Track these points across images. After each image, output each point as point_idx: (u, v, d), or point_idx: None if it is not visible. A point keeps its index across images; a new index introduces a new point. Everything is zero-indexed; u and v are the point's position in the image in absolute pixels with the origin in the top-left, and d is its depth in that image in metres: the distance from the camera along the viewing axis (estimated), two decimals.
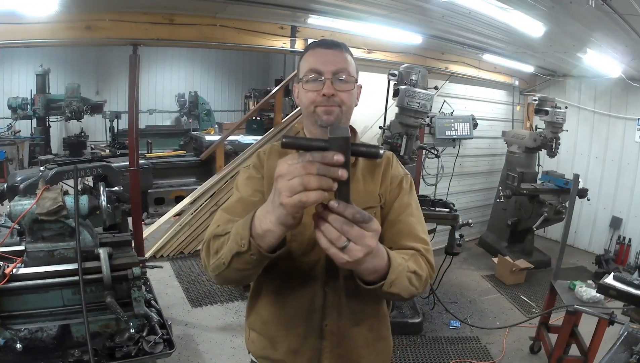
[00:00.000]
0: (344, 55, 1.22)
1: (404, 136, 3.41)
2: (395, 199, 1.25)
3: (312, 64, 1.20)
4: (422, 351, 3.41)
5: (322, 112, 1.19)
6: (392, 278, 0.99)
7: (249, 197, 1.20)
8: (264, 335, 1.30)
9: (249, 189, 1.22)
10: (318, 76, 1.18)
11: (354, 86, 1.22)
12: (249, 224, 0.92)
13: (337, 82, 1.18)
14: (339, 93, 1.18)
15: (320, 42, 1.26)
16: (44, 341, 2.12)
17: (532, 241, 5.42)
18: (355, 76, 1.23)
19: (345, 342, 1.24)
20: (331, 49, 1.21)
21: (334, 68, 1.18)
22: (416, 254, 1.15)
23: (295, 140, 0.81)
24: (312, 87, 1.19)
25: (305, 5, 3.63)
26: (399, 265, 1.01)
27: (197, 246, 5.03)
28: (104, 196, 2.31)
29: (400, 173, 1.31)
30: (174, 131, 8.09)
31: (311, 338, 1.23)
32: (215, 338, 3.40)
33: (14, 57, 8.29)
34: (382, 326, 1.32)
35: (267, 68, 11.83)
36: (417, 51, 4.80)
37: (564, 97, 6.00)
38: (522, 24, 3.35)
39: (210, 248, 1.08)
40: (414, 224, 1.22)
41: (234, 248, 0.96)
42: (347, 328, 1.24)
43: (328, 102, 1.17)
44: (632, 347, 1.74)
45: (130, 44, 3.42)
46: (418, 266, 1.11)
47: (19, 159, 6.82)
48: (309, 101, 1.20)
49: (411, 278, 1.06)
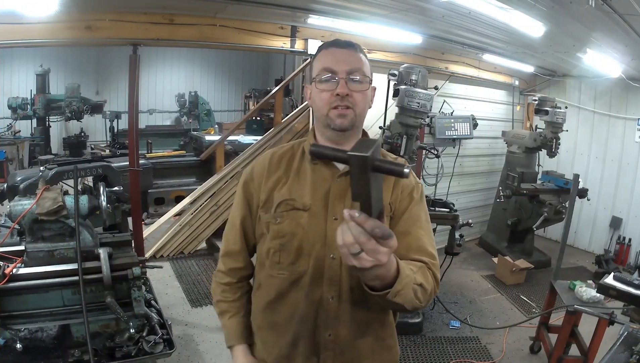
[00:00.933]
0: (358, 55, 1.20)
1: (404, 136, 3.40)
2: (405, 210, 1.22)
3: (326, 63, 1.18)
4: (422, 351, 3.41)
5: (336, 116, 1.17)
6: (398, 288, 0.97)
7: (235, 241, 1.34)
8: (258, 338, 1.32)
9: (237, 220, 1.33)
10: (332, 75, 1.16)
11: (369, 86, 1.20)
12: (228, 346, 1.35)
13: (352, 82, 1.16)
14: (353, 93, 1.16)
15: (334, 41, 1.24)
16: (44, 341, 2.12)
17: (532, 241, 5.42)
18: (369, 76, 1.20)
19: (349, 352, 1.22)
20: (345, 49, 1.20)
21: (348, 68, 1.16)
22: (424, 267, 1.13)
23: (322, 150, 0.86)
24: (326, 87, 1.17)
25: (305, 5, 3.63)
26: (407, 277, 1.00)
27: (197, 246, 5.04)
28: (104, 196, 2.31)
29: (412, 182, 1.27)
30: (174, 131, 8.07)
31: (302, 345, 1.22)
32: (215, 338, 3.39)
33: (14, 57, 8.29)
34: (388, 335, 1.30)
35: (267, 68, 11.82)
36: (417, 51, 4.80)
37: (564, 97, 5.99)
38: (522, 24, 3.35)
39: (213, 299, 1.41)
40: (423, 237, 1.20)
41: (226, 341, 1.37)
42: (351, 338, 1.21)
43: (342, 102, 1.15)
44: (632, 347, 1.74)
45: (130, 44, 3.42)
46: (425, 280, 1.09)
47: (19, 159, 6.82)
48: (323, 102, 1.18)
49: (417, 291, 1.05)
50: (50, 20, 3.06)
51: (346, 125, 1.17)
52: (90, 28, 3.21)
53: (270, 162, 1.28)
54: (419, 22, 3.85)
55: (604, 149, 5.84)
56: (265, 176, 1.26)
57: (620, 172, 5.67)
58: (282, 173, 1.25)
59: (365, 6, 3.46)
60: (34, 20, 3.01)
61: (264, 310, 1.27)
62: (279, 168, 1.26)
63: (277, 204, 1.21)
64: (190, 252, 5.00)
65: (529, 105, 6.44)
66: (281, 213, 1.20)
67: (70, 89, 6.88)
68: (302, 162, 1.26)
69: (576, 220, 5.81)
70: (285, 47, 4.13)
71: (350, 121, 1.17)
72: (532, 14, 3.12)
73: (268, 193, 1.23)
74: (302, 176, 1.23)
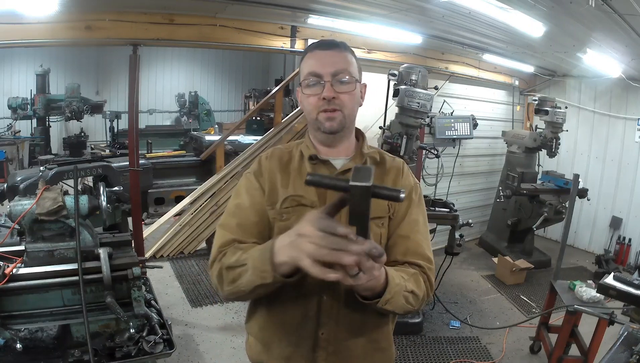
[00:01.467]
0: (343, 54, 1.19)
1: (404, 136, 3.41)
2: (404, 211, 1.23)
3: (311, 67, 1.18)
4: (422, 351, 3.41)
5: (325, 119, 1.18)
6: (387, 297, 1.02)
7: (247, 217, 1.21)
8: (259, 340, 1.30)
9: (246, 203, 1.22)
10: (317, 79, 1.16)
11: (356, 86, 1.20)
12: (269, 259, 0.99)
13: (338, 83, 1.16)
14: (339, 95, 1.16)
15: (319, 43, 1.24)
16: (44, 341, 2.12)
17: (532, 241, 5.42)
18: (356, 76, 1.20)
19: (341, 352, 1.22)
20: (330, 50, 1.19)
21: (333, 70, 1.15)
22: (417, 273, 1.15)
23: (320, 179, 0.87)
24: (313, 91, 1.17)
25: (305, 5, 3.62)
26: (396, 285, 1.04)
27: (197, 246, 5.04)
28: (104, 196, 2.31)
29: (410, 183, 1.28)
30: (174, 131, 8.08)
31: (304, 346, 1.21)
32: (215, 338, 3.40)
33: (14, 57, 8.30)
34: (382, 337, 1.29)
35: (267, 68, 11.83)
36: (417, 51, 4.80)
37: (564, 97, 6.00)
38: (522, 24, 3.35)
39: (224, 278, 1.13)
40: (421, 241, 1.21)
41: (255, 280, 1.04)
42: (344, 338, 1.21)
43: (329, 105, 1.16)
44: (632, 347, 1.74)
45: (130, 44, 3.42)
46: (417, 286, 1.12)
47: (19, 159, 6.83)
48: (311, 106, 1.18)
49: (408, 297, 1.09)
50: (50, 20, 3.06)
51: (335, 127, 1.18)
52: (90, 28, 3.21)
53: (272, 158, 1.29)
54: (419, 22, 3.85)
55: (604, 149, 5.84)
56: (270, 170, 1.26)
57: (620, 172, 5.67)
58: (284, 172, 1.25)
59: (365, 6, 3.46)
60: (34, 20, 3.01)
61: (269, 310, 1.26)
62: (280, 166, 1.26)
63: (282, 200, 1.21)
64: (190, 252, 5.00)
65: (529, 105, 6.44)
66: (287, 209, 1.20)
67: (70, 89, 6.89)
68: (302, 162, 1.26)
69: (576, 220, 5.81)
70: (285, 47, 4.13)
71: (339, 123, 1.18)
72: (532, 14, 3.12)
73: (273, 187, 1.23)
74: (303, 176, 1.23)
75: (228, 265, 1.11)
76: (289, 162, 1.27)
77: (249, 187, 1.25)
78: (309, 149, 1.26)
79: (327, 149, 1.26)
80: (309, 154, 1.24)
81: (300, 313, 1.20)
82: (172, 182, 6.45)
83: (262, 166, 1.28)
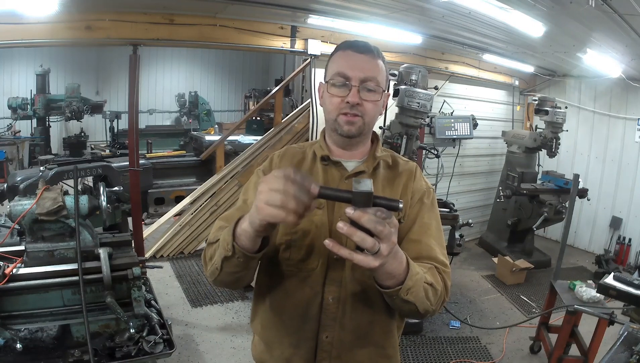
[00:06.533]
0: (375, 61, 1.16)
1: (404, 136, 3.41)
2: (416, 216, 1.20)
3: (340, 67, 1.15)
4: (422, 351, 3.41)
5: (344, 122, 1.16)
6: (409, 284, 0.97)
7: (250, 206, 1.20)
8: (262, 339, 1.29)
9: (253, 199, 1.20)
10: (345, 81, 1.14)
11: (381, 96, 1.17)
12: (233, 230, 0.98)
13: (364, 90, 1.13)
14: (364, 102, 1.14)
15: (353, 43, 1.19)
16: (44, 341, 2.12)
17: (532, 241, 5.42)
18: (383, 85, 1.17)
19: (345, 356, 1.19)
20: (363, 54, 1.16)
21: (362, 75, 1.13)
22: (433, 268, 1.12)
23: (325, 190, 0.88)
24: (338, 92, 1.15)
25: (305, 5, 3.63)
26: (417, 274, 1.00)
27: (197, 246, 5.04)
28: (104, 196, 2.30)
29: (423, 187, 1.25)
30: (174, 131, 8.08)
31: (305, 348, 1.19)
32: (215, 338, 3.40)
33: (14, 57, 8.29)
34: (389, 344, 1.25)
35: (267, 68, 11.82)
36: (417, 51, 4.80)
37: (564, 97, 6.00)
38: (522, 24, 3.35)
39: (206, 256, 1.13)
40: (433, 245, 1.18)
41: (222, 253, 1.02)
42: (350, 343, 1.18)
43: (351, 110, 1.14)
44: (632, 347, 1.74)
45: (130, 44, 3.42)
46: (435, 280, 1.08)
47: (19, 159, 6.82)
48: (333, 106, 1.17)
49: (427, 290, 1.04)
50: (50, 20, 3.06)
51: (353, 132, 1.17)
52: (90, 28, 3.21)
53: (284, 157, 1.28)
54: (419, 22, 3.85)
55: (604, 149, 5.84)
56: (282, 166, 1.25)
57: (620, 172, 5.67)
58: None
59: (365, 6, 3.45)
60: (34, 20, 3.01)
61: (271, 309, 1.24)
62: (291, 165, 1.26)
63: None
64: (190, 252, 5.00)
65: (529, 105, 6.44)
66: None
67: (70, 89, 6.88)
68: (314, 163, 1.25)
69: (576, 220, 5.81)
70: (285, 47, 4.13)
71: (358, 129, 1.17)
72: (532, 14, 3.12)
73: None
74: (314, 176, 1.22)
75: (209, 241, 1.12)
76: (302, 162, 1.27)
77: (257, 183, 1.25)
78: (322, 150, 1.24)
79: (341, 151, 1.24)
80: (321, 154, 1.23)
81: (301, 312, 1.18)
82: (172, 182, 6.47)
83: (273, 164, 1.27)
